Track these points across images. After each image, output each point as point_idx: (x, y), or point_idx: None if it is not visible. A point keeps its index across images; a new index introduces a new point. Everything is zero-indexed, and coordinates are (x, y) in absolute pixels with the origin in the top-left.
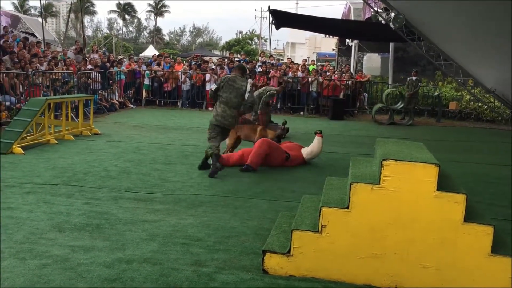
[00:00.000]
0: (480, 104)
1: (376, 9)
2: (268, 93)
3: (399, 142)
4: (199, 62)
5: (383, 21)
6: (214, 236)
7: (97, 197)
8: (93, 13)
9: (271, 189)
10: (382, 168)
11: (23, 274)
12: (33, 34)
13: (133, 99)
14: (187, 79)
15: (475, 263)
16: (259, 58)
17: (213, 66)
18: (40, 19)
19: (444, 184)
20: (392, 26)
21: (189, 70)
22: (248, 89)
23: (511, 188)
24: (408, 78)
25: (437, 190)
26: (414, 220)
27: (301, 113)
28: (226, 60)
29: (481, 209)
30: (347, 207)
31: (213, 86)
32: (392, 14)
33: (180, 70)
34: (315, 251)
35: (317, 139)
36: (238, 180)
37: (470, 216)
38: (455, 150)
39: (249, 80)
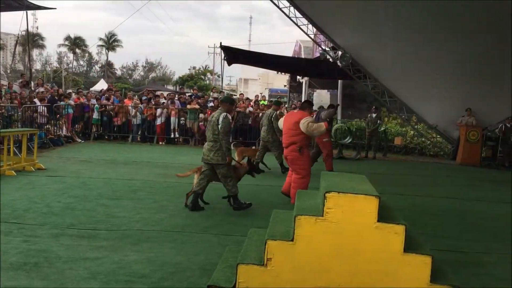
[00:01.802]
0: (423, 139)
1: (324, 47)
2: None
3: (343, 175)
4: (149, 97)
5: (331, 59)
6: (159, 272)
7: (37, 235)
8: (42, 46)
9: (220, 224)
10: (325, 200)
11: None
12: None
13: (81, 134)
14: (138, 113)
15: None
16: (211, 93)
17: (164, 101)
18: None
19: (384, 215)
20: (339, 64)
21: (141, 104)
22: (221, 120)
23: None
24: (368, 115)
25: (378, 221)
26: (357, 251)
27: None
28: (176, 94)
29: (422, 240)
30: (292, 240)
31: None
32: (339, 53)
33: (130, 104)
34: (260, 285)
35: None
36: (188, 215)
37: (410, 246)
38: (400, 183)
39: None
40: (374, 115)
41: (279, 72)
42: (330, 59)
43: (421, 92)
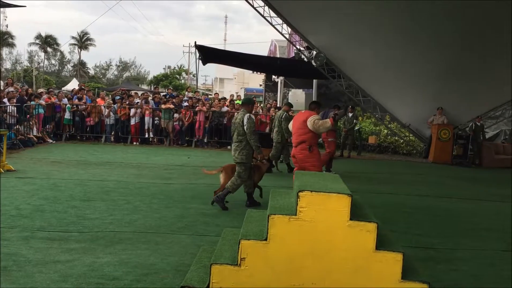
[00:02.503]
0: (396, 138)
1: (299, 47)
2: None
3: (316, 174)
4: (122, 96)
5: (305, 59)
6: (132, 274)
7: (5, 238)
8: (11, 45)
9: (194, 224)
10: (298, 199)
11: None
12: None
13: (52, 134)
14: (111, 113)
15: None
16: (186, 93)
17: (138, 100)
18: None
19: (357, 214)
20: (314, 63)
21: (114, 104)
22: (245, 121)
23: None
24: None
25: (350, 219)
26: (330, 249)
27: (228, 147)
28: (151, 94)
29: (394, 238)
30: (266, 239)
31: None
32: (314, 53)
33: (103, 104)
34: (234, 285)
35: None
36: (162, 216)
37: (382, 244)
38: (374, 181)
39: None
40: (350, 114)
41: (255, 72)
42: (305, 59)
43: (394, 91)
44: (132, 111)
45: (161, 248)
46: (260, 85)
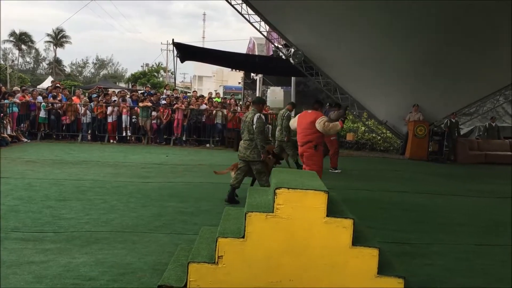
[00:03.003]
0: (374, 134)
1: (277, 45)
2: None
3: (293, 171)
4: (98, 94)
5: (283, 56)
6: (108, 274)
7: None
8: None
9: (172, 222)
10: (275, 197)
11: None
12: None
13: (27, 133)
14: (88, 111)
15: (363, 285)
16: (164, 91)
17: (115, 98)
18: None
19: (333, 210)
20: (292, 61)
21: (90, 102)
22: (255, 120)
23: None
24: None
25: (327, 216)
26: (307, 246)
27: (207, 145)
28: (128, 92)
29: (370, 233)
30: (243, 237)
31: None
32: (292, 50)
33: (79, 102)
34: (212, 283)
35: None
36: (139, 215)
37: (358, 240)
38: (351, 178)
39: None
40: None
41: (234, 69)
42: (283, 56)
43: (371, 89)
44: (109, 109)
45: (138, 247)
46: (239, 82)
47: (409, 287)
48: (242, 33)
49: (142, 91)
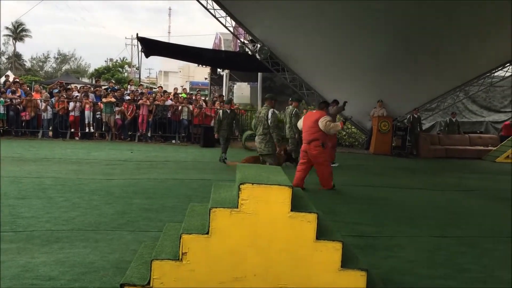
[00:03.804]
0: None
1: (243, 40)
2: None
3: (259, 167)
4: (59, 89)
5: (250, 52)
6: (69, 274)
7: None
8: None
9: (136, 220)
10: (239, 192)
11: None
12: None
13: None
14: (49, 107)
15: (327, 278)
16: (128, 86)
17: (77, 94)
18: None
19: (298, 205)
20: (258, 57)
21: (51, 98)
22: (270, 116)
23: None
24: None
25: (291, 210)
26: (271, 241)
27: (173, 141)
28: (92, 87)
29: (335, 227)
30: (207, 233)
31: None
32: (258, 46)
33: (39, 98)
34: (176, 280)
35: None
36: (102, 212)
37: (322, 234)
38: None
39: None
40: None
41: (200, 65)
42: (249, 52)
43: (337, 84)
44: (71, 105)
45: (101, 245)
46: (206, 78)
47: (372, 279)
48: (208, 28)
49: (105, 87)
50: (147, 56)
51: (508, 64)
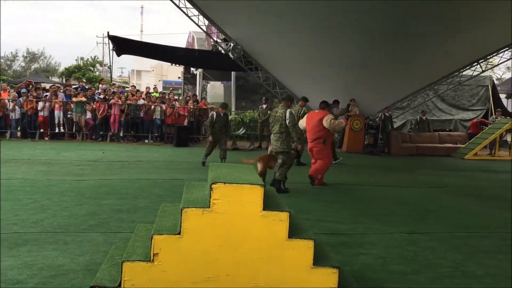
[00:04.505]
0: None
1: (216, 39)
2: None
3: (231, 166)
4: (28, 88)
5: (223, 51)
6: (37, 277)
7: None
8: None
9: (107, 221)
10: (211, 192)
11: None
12: None
13: None
14: (17, 107)
15: (300, 276)
16: (100, 85)
17: (47, 93)
18: None
19: (270, 204)
20: (231, 56)
21: (19, 97)
22: (288, 116)
23: None
24: (259, 106)
25: (263, 209)
26: (244, 240)
27: (146, 141)
28: (62, 86)
29: (308, 225)
30: (179, 233)
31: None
32: (231, 45)
33: (7, 97)
34: (147, 282)
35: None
36: (72, 214)
37: (295, 232)
38: (290, 171)
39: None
40: (264, 106)
41: (173, 64)
42: (222, 51)
43: (310, 83)
44: (40, 104)
45: (71, 247)
46: (179, 77)
47: (344, 276)
48: (182, 27)
49: (75, 86)
50: (118, 55)
51: (476, 64)
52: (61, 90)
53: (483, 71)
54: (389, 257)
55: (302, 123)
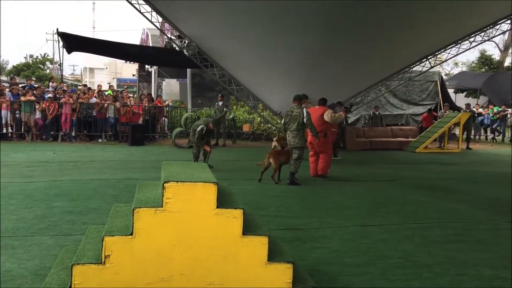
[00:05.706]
0: (269, 125)
1: (170, 36)
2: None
3: (183, 164)
4: None
5: (177, 48)
6: None
7: None
8: None
9: (58, 223)
10: (164, 191)
11: None
12: None
13: None
14: None
15: (255, 272)
16: (50, 84)
17: None
18: None
19: (224, 201)
20: (186, 53)
21: None
22: (305, 114)
23: None
24: (216, 104)
25: (217, 207)
26: (198, 239)
27: (99, 140)
28: (8, 85)
29: (263, 222)
30: (131, 234)
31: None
32: (186, 42)
33: None
34: (99, 284)
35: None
36: (20, 217)
37: (249, 229)
38: (247, 169)
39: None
40: (220, 103)
41: (127, 61)
42: (177, 48)
43: (265, 80)
44: None
45: (19, 252)
46: (134, 75)
47: (298, 270)
48: (135, 24)
49: (23, 84)
50: (69, 52)
51: (425, 60)
52: (7, 90)
53: (432, 67)
54: (343, 250)
55: None
